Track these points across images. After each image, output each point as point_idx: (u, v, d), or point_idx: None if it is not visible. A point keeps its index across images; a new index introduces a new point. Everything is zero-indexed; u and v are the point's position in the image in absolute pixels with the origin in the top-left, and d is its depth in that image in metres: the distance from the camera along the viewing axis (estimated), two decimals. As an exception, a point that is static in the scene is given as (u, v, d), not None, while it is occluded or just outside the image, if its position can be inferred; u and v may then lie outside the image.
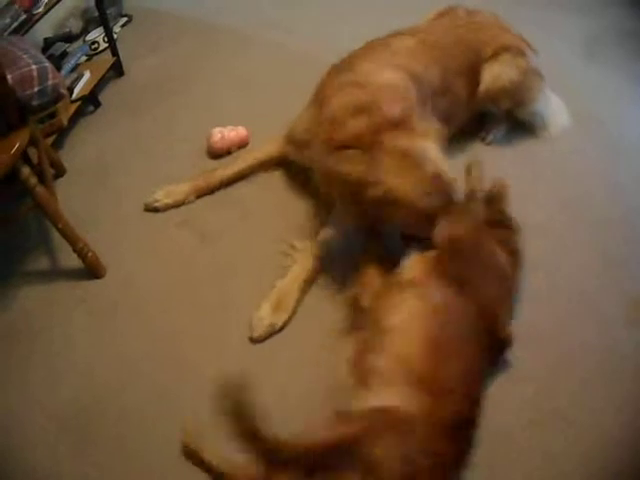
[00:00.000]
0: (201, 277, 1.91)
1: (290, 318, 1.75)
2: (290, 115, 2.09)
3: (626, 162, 2.29)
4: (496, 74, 2.24)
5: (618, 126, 2.45)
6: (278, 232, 1.98)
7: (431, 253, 1.58)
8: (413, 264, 1.58)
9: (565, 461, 1.47)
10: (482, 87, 2.25)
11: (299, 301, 1.79)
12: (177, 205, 2.15)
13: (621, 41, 2.92)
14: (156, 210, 2.13)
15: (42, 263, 2.00)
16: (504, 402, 1.54)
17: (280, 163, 2.22)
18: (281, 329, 1.73)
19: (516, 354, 1.62)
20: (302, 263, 1.86)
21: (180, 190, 2.15)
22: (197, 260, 1.97)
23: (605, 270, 1.90)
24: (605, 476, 1.45)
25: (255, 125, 2.36)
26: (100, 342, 1.76)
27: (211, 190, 2.18)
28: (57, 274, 1.96)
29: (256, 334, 1.70)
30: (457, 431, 1.27)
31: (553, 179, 2.23)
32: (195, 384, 1.60)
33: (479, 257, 1.59)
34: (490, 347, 1.48)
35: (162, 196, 2.14)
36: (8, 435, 1.58)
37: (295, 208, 2.08)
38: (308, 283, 1.83)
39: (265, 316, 1.73)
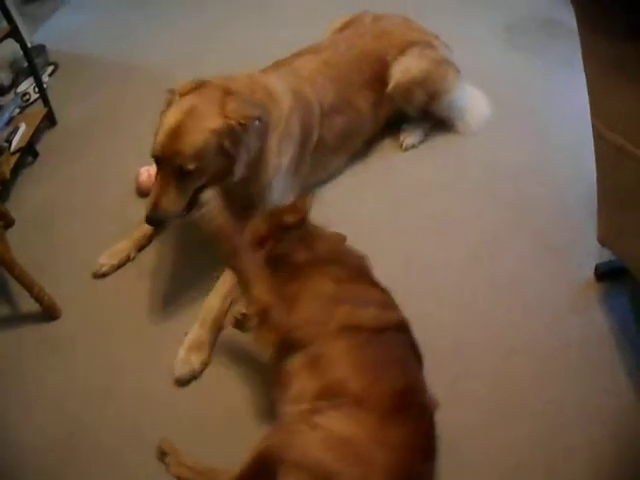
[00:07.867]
0: (142, 310, 2.04)
1: (207, 357, 1.83)
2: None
3: (556, 147, 2.31)
4: (404, 67, 2.24)
5: (545, 111, 2.49)
6: (206, 263, 2.07)
7: None
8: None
9: (531, 449, 1.51)
10: (391, 84, 2.25)
11: (212, 341, 1.86)
12: (123, 263, 2.20)
13: (539, 28, 3.05)
14: (105, 275, 2.17)
15: (4, 309, 2.14)
16: (461, 403, 1.58)
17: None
18: (202, 369, 1.82)
19: (465, 353, 1.70)
20: (206, 305, 1.92)
21: (121, 248, 2.21)
22: (137, 294, 2.09)
23: (546, 260, 1.93)
24: (571, 458, 1.49)
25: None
26: (66, 379, 1.90)
27: (149, 239, 2.25)
28: (19, 318, 2.10)
29: (176, 374, 1.79)
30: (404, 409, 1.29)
31: (481, 175, 2.24)
32: (156, 412, 1.75)
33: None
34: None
35: (106, 260, 2.18)
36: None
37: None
38: (217, 322, 1.88)
39: (181, 359, 1.81)
